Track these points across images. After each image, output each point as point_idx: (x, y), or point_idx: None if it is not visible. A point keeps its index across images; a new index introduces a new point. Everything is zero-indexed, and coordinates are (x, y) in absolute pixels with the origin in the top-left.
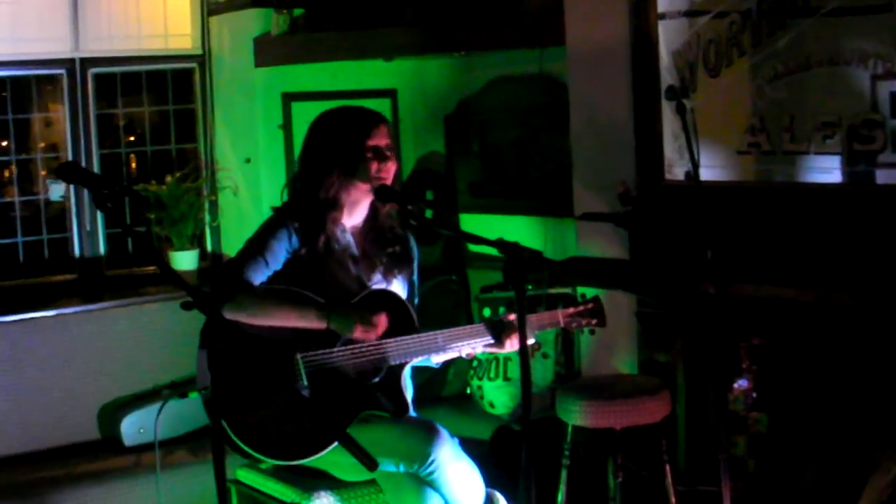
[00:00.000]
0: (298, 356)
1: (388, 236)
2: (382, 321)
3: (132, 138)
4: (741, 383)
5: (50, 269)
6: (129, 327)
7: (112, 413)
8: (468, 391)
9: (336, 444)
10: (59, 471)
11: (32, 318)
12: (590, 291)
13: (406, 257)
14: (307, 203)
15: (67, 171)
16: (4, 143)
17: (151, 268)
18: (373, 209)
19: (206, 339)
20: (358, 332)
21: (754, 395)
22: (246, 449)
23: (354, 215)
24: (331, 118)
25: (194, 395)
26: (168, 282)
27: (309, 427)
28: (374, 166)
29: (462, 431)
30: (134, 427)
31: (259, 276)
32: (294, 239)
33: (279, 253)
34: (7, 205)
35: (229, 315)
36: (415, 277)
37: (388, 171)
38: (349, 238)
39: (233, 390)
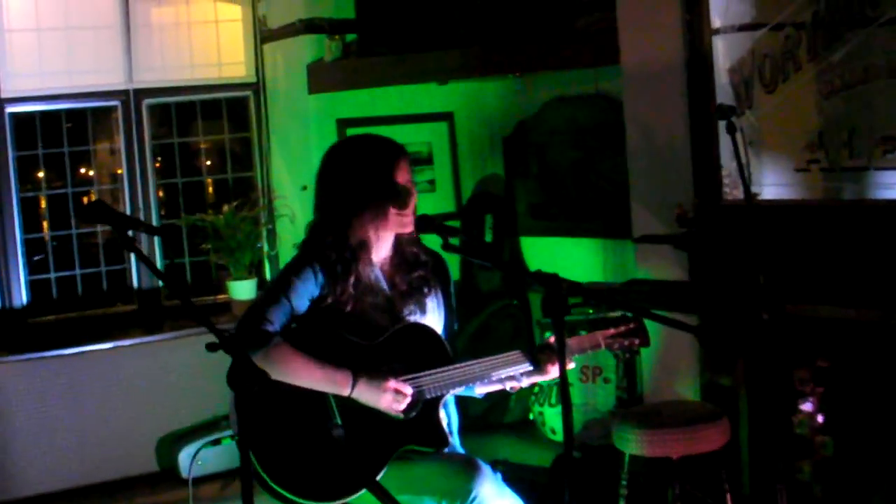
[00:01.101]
0: (331, 394)
1: (413, 262)
2: (408, 393)
3: (189, 168)
4: (806, 406)
5: (109, 300)
6: (188, 358)
7: (170, 445)
8: (530, 417)
9: None
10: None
11: (91, 351)
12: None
13: (436, 280)
14: (333, 242)
15: (92, 212)
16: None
17: (210, 297)
18: (397, 239)
19: (233, 380)
20: (384, 404)
21: (820, 418)
22: (279, 490)
23: (382, 249)
24: (352, 156)
25: (227, 442)
26: (196, 320)
27: (343, 468)
28: (398, 205)
29: (524, 459)
30: (192, 459)
31: (284, 320)
32: (320, 277)
33: (304, 294)
34: (65, 237)
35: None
36: (452, 301)
37: (413, 207)
38: (378, 273)
39: (265, 430)
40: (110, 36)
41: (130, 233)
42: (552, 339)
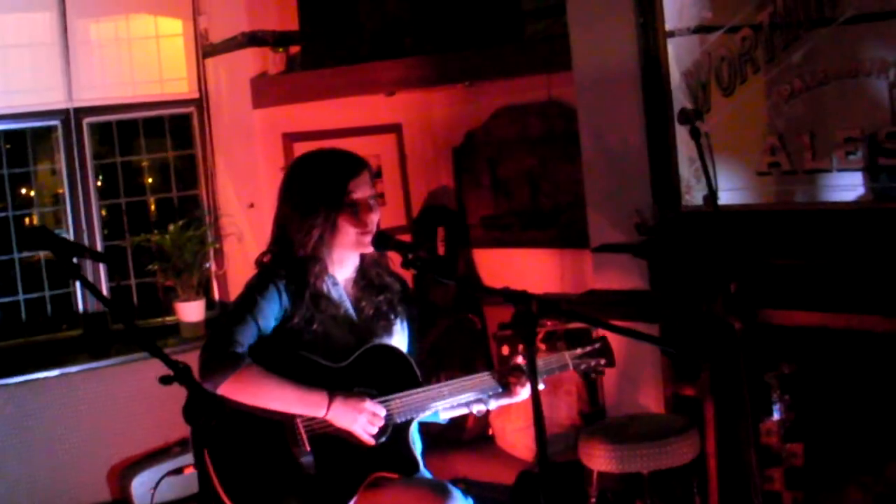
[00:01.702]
0: (298, 421)
1: (377, 283)
2: (382, 415)
3: (133, 187)
4: (774, 414)
5: (54, 325)
6: (138, 383)
7: (122, 473)
8: (489, 433)
9: None
10: None
11: (37, 379)
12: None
13: (402, 306)
14: (285, 256)
15: (35, 238)
16: None
17: (158, 319)
18: (360, 260)
19: (189, 414)
20: (359, 426)
21: (788, 425)
22: None
23: (345, 267)
24: (308, 166)
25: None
26: (149, 352)
27: (312, 496)
28: (354, 221)
29: (484, 476)
30: (144, 487)
31: (251, 341)
32: (284, 297)
33: (269, 314)
34: (7, 262)
35: (225, 391)
36: (415, 325)
37: (371, 224)
38: (341, 291)
39: (230, 459)
40: (48, 54)
41: (74, 259)
42: (518, 360)
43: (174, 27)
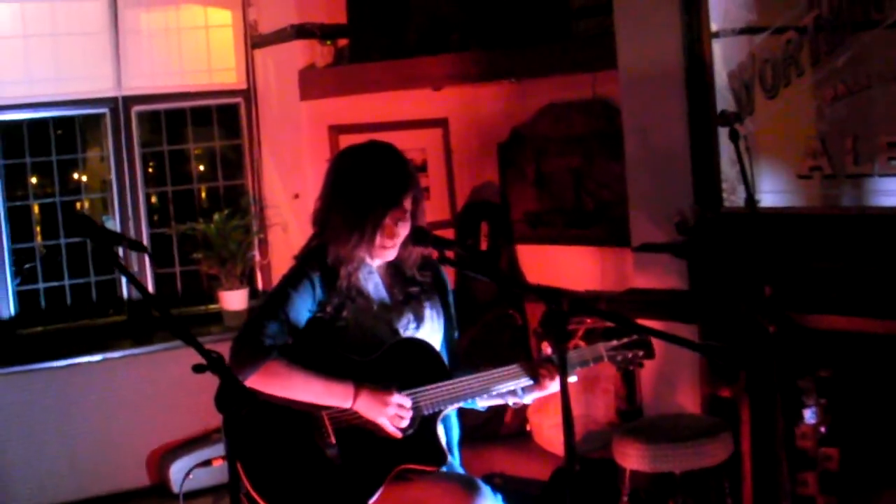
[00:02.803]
0: (325, 413)
1: (411, 268)
2: (409, 406)
3: (180, 176)
4: (809, 418)
5: (99, 311)
6: (179, 369)
7: (161, 459)
8: (527, 428)
9: None
10: None
11: (80, 363)
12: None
13: (434, 289)
14: (329, 251)
15: (78, 226)
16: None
17: (202, 307)
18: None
19: (221, 403)
20: (386, 417)
21: (823, 430)
22: None
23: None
24: (365, 168)
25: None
26: (182, 340)
27: (338, 488)
28: (392, 230)
29: (520, 471)
30: (183, 473)
31: (281, 335)
32: (318, 290)
33: (301, 307)
34: (54, 247)
35: (253, 383)
36: (452, 309)
37: (405, 230)
38: (376, 279)
39: (257, 449)
40: (99, 42)
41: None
42: (548, 351)
43: (223, 18)
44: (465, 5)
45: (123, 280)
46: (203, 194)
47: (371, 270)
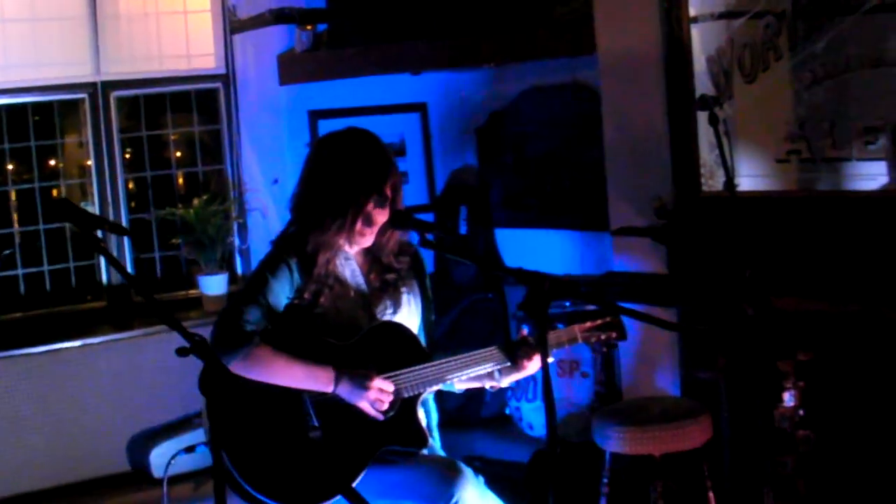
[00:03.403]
0: (307, 396)
1: (388, 253)
2: (391, 390)
3: (159, 161)
4: (788, 401)
5: (78, 297)
6: (159, 355)
7: (142, 444)
8: (507, 412)
9: None
10: None
11: (59, 349)
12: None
13: (411, 272)
14: (307, 235)
15: (59, 210)
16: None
17: (181, 292)
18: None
19: (204, 386)
20: (367, 401)
21: (801, 412)
22: (254, 494)
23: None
24: (341, 162)
25: (203, 449)
26: (167, 324)
27: (321, 471)
28: (372, 217)
29: (500, 454)
30: (164, 458)
31: (261, 320)
32: (296, 276)
33: (280, 293)
34: (33, 233)
35: (235, 369)
36: (429, 292)
37: (384, 217)
38: (354, 266)
39: (240, 433)
40: (77, 27)
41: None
42: (524, 332)
43: (202, 3)
44: None
45: (103, 265)
46: (181, 180)
47: (348, 257)
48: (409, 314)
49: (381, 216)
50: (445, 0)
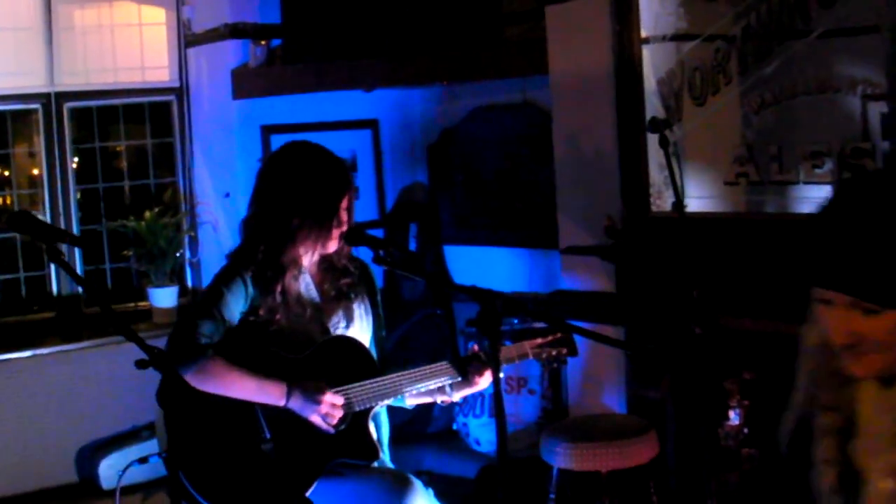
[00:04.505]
0: (259, 409)
1: (339, 265)
2: (341, 404)
3: (110, 173)
4: (733, 419)
5: (27, 307)
6: (108, 366)
7: (90, 455)
8: (454, 427)
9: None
10: None
11: (8, 359)
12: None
13: (362, 287)
14: (266, 256)
15: (19, 222)
16: None
17: (131, 304)
18: None
19: (162, 397)
20: (318, 415)
21: (746, 430)
22: None
23: (310, 257)
24: (305, 170)
25: (155, 460)
26: (125, 336)
27: (273, 482)
28: (339, 227)
29: (448, 469)
30: (112, 470)
31: (215, 334)
32: (251, 290)
33: (234, 306)
34: None
35: (188, 382)
36: (380, 308)
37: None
38: (308, 279)
39: (193, 445)
40: (32, 38)
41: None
42: (477, 349)
43: (157, 15)
44: (397, 8)
45: (53, 276)
46: (131, 192)
47: (302, 271)
48: (360, 329)
49: (342, 226)
50: (399, 18)
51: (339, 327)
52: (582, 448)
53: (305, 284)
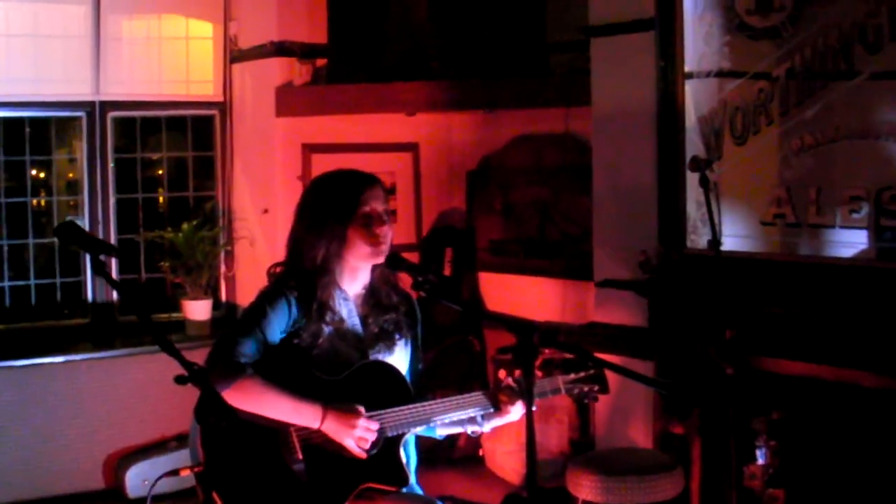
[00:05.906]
0: (293, 430)
1: (386, 301)
2: (375, 429)
3: (150, 183)
4: (760, 458)
5: (62, 312)
6: (140, 375)
7: (117, 463)
8: (479, 454)
9: None
10: None
11: (41, 364)
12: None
13: (407, 320)
14: (301, 271)
15: (65, 233)
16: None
17: (164, 315)
18: (372, 275)
19: (200, 414)
20: (352, 439)
21: (772, 470)
22: None
23: (356, 282)
24: (322, 183)
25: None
26: (165, 351)
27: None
28: (366, 233)
29: (472, 496)
30: (138, 479)
31: (255, 353)
32: (294, 309)
33: (276, 326)
34: (20, 247)
35: (227, 399)
36: (419, 342)
37: (385, 237)
38: (351, 306)
39: (227, 464)
40: (80, 46)
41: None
42: (509, 380)
43: (204, 30)
44: (442, 34)
45: (89, 283)
46: (169, 204)
47: (346, 297)
48: (399, 360)
49: (380, 226)
50: (443, 43)
51: (377, 356)
52: (609, 481)
53: (348, 311)
